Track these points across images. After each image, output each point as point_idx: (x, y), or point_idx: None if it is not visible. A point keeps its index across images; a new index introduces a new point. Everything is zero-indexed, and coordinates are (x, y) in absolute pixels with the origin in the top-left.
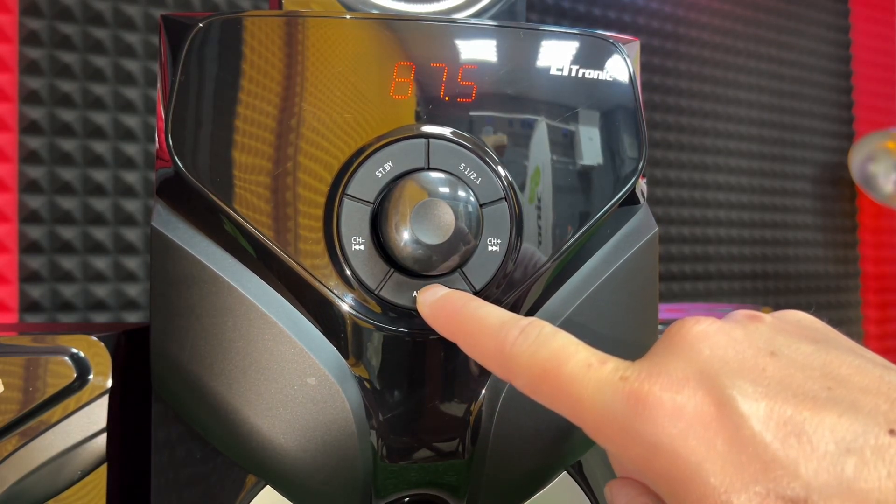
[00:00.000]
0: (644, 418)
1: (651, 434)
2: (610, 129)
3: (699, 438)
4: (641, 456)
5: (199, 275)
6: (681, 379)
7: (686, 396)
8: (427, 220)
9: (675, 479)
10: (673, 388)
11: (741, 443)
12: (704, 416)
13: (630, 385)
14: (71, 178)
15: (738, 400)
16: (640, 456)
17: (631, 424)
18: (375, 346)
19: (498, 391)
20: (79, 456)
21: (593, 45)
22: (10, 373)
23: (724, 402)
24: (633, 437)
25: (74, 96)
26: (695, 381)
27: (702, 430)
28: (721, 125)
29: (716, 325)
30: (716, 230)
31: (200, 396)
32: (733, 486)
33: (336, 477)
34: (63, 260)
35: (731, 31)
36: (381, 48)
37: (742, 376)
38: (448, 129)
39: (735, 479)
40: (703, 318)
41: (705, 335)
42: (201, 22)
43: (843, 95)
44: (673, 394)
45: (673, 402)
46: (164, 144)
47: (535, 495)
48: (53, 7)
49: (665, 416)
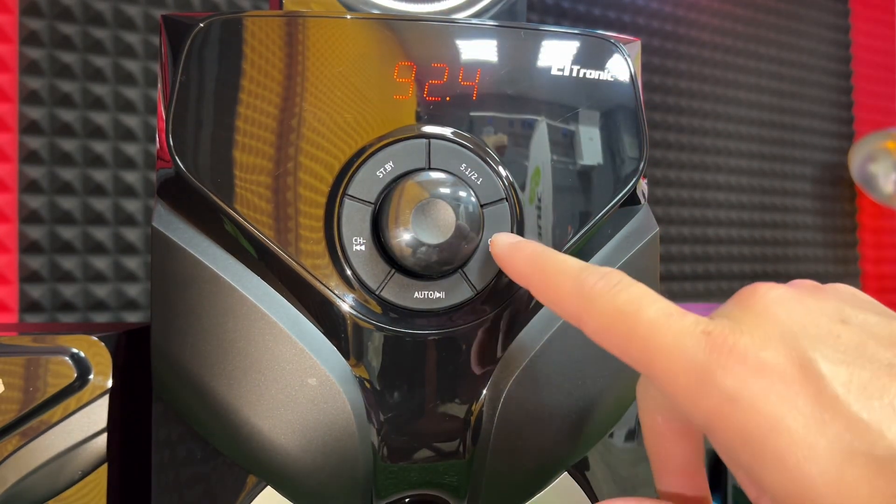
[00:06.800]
0: (725, 371)
1: (731, 387)
2: (611, 130)
3: (781, 396)
4: (715, 409)
5: (200, 275)
6: (763, 338)
7: (769, 354)
8: (428, 221)
9: (752, 434)
10: (756, 345)
11: (824, 402)
12: (786, 375)
13: (713, 338)
14: (71, 178)
15: (819, 362)
16: (714, 409)
17: (710, 376)
18: (376, 346)
19: (499, 391)
20: (79, 456)
21: (594, 45)
22: (11, 373)
23: (805, 364)
24: (710, 388)
25: (74, 96)
26: (776, 341)
27: (784, 388)
28: (721, 125)
29: (789, 292)
30: (716, 230)
31: (201, 397)
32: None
33: (336, 477)
34: (63, 260)
35: (731, 31)
36: (381, 48)
37: (820, 341)
38: (449, 130)
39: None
40: (771, 283)
41: (781, 300)
42: (202, 22)
43: (843, 95)
44: (757, 350)
45: (756, 358)
46: (164, 144)
47: (536, 496)
48: (53, 7)
49: (748, 370)
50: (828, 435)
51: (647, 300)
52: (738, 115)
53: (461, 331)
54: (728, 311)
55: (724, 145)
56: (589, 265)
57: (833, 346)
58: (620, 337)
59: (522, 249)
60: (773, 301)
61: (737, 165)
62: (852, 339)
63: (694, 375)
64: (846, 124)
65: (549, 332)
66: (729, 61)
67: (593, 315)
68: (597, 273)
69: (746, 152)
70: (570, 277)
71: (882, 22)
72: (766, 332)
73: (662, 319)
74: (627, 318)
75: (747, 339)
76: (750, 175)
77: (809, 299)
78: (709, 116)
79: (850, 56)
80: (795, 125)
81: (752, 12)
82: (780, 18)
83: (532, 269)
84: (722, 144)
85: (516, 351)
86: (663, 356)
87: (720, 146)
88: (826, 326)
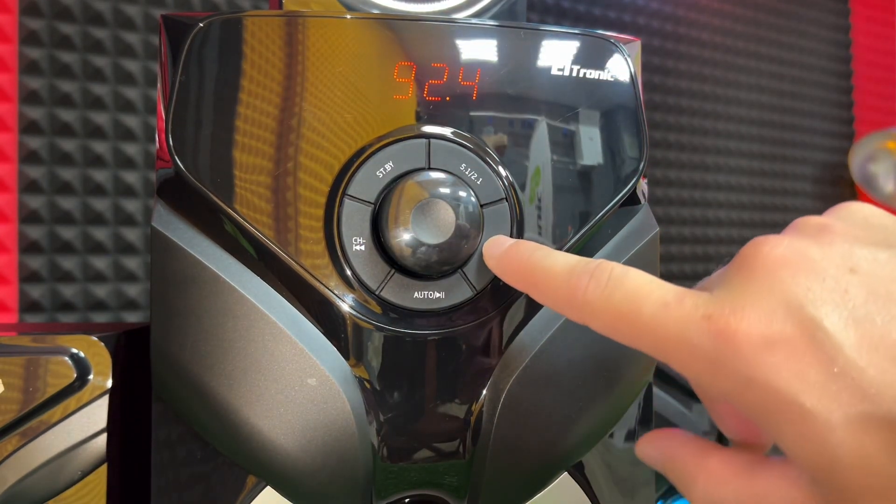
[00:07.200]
0: (734, 355)
1: (743, 369)
2: (611, 130)
3: (792, 370)
4: (733, 389)
5: (200, 275)
6: (767, 311)
7: (775, 330)
8: (428, 220)
9: (771, 411)
10: (761, 321)
11: (836, 371)
12: (796, 348)
13: (716, 323)
14: (71, 178)
15: (827, 329)
16: (732, 389)
17: (720, 361)
18: (376, 346)
19: (499, 391)
20: (79, 456)
21: (594, 45)
22: (10, 373)
23: (813, 333)
24: (724, 372)
25: (74, 96)
26: (782, 312)
27: (795, 362)
28: (721, 125)
29: (792, 246)
30: (716, 230)
31: (201, 397)
32: (833, 415)
33: (336, 477)
34: (63, 260)
35: (731, 31)
36: (381, 48)
37: (827, 302)
38: (449, 130)
39: (834, 407)
40: (774, 239)
41: (784, 261)
42: (201, 22)
43: (843, 95)
44: (762, 328)
45: (762, 337)
46: (164, 144)
47: (536, 496)
48: (53, 7)
49: (756, 350)
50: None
51: (640, 294)
52: (738, 115)
53: (461, 331)
54: (730, 279)
55: (724, 145)
56: (576, 263)
57: (842, 305)
58: (626, 335)
59: (510, 261)
60: (777, 263)
61: (737, 165)
62: (861, 291)
63: (706, 362)
64: (846, 124)
65: (549, 331)
66: (729, 61)
67: (594, 319)
68: (585, 273)
69: (747, 152)
70: (560, 285)
71: (882, 22)
72: (770, 303)
73: (661, 312)
74: (627, 318)
75: (751, 317)
76: (750, 175)
77: (814, 250)
78: (709, 116)
79: (850, 56)
80: (795, 125)
81: (753, 12)
82: (780, 18)
83: (524, 282)
84: (722, 144)
85: (516, 351)
86: (672, 347)
87: (720, 146)
88: (833, 281)
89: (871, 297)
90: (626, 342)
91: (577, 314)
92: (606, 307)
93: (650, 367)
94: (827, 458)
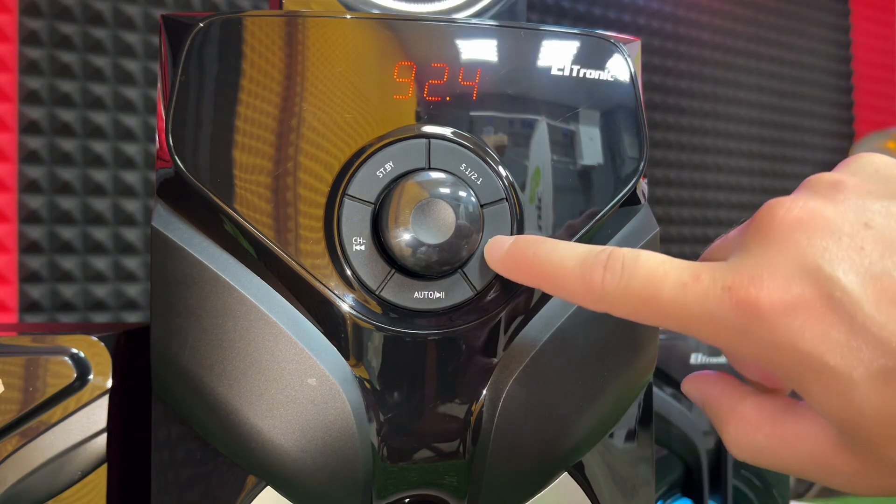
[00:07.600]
0: (758, 323)
1: (768, 336)
2: (611, 129)
3: (815, 332)
4: (761, 355)
5: (200, 275)
6: (786, 276)
7: (795, 294)
8: (428, 220)
9: (800, 372)
10: (780, 287)
11: (857, 329)
12: (817, 310)
13: (736, 294)
14: (71, 178)
15: (845, 287)
16: (760, 355)
17: (745, 330)
18: (376, 346)
19: (499, 391)
20: (79, 456)
21: (594, 45)
22: (10, 373)
23: (832, 293)
24: (750, 339)
25: (74, 96)
26: (800, 275)
27: (816, 324)
28: (721, 125)
29: (806, 207)
30: (716, 230)
31: (201, 397)
32: (856, 372)
33: (336, 477)
34: (63, 260)
35: (731, 31)
36: (381, 48)
37: (844, 260)
38: (449, 129)
39: (856, 365)
40: (789, 201)
41: (799, 223)
42: (201, 22)
43: (843, 95)
44: (781, 293)
45: (783, 302)
46: (164, 144)
47: (536, 496)
48: (53, 7)
49: (779, 317)
50: (865, 362)
51: (657, 277)
52: (738, 115)
53: (461, 331)
54: (746, 245)
55: (724, 145)
56: (587, 254)
57: (858, 262)
58: (649, 318)
59: (515, 260)
60: (792, 226)
61: (737, 165)
62: (876, 246)
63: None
64: (846, 124)
65: (550, 331)
66: (729, 61)
67: (614, 309)
68: (598, 264)
69: (747, 152)
70: (575, 279)
71: (882, 22)
72: (787, 268)
73: (681, 292)
74: (648, 304)
75: (770, 284)
76: (750, 175)
77: (828, 208)
78: (709, 116)
79: (850, 56)
80: (795, 125)
81: (753, 12)
82: (780, 18)
83: (535, 278)
84: (722, 144)
85: (516, 351)
86: (696, 323)
87: (720, 146)
88: (848, 239)
89: (887, 252)
90: (649, 323)
91: (595, 306)
92: (626, 296)
93: (650, 367)
94: (852, 413)
